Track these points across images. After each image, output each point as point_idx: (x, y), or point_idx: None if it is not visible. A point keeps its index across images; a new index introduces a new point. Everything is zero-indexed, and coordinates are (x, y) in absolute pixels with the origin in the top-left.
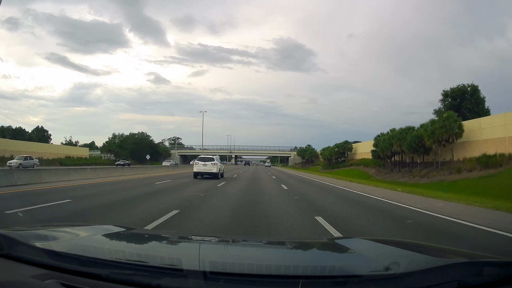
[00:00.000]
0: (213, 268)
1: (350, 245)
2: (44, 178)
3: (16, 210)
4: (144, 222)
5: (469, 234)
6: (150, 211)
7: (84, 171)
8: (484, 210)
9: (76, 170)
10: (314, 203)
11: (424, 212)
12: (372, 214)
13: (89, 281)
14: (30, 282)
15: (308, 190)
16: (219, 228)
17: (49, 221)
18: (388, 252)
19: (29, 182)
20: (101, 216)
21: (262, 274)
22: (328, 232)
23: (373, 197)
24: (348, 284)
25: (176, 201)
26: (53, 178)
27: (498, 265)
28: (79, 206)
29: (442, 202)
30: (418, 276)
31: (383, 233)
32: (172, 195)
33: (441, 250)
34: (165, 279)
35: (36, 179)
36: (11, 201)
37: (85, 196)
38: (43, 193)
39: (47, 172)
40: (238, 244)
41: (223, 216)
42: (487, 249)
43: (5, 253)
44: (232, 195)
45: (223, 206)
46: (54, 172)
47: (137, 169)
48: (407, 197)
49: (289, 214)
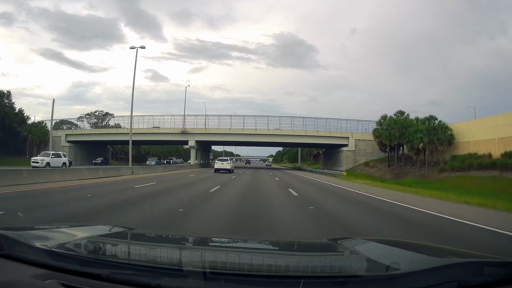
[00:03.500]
0: (213, 268)
1: (350, 245)
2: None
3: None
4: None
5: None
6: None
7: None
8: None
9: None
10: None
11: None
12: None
13: (89, 281)
14: (30, 282)
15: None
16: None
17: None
18: (388, 252)
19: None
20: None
21: (263, 274)
22: None
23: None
24: (348, 284)
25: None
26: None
27: (498, 265)
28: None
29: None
30: (418, 276)
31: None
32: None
33: (441, 250)
34: (165, 279)
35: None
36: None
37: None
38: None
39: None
40: (238, 244)
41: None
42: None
43: (5, 253)
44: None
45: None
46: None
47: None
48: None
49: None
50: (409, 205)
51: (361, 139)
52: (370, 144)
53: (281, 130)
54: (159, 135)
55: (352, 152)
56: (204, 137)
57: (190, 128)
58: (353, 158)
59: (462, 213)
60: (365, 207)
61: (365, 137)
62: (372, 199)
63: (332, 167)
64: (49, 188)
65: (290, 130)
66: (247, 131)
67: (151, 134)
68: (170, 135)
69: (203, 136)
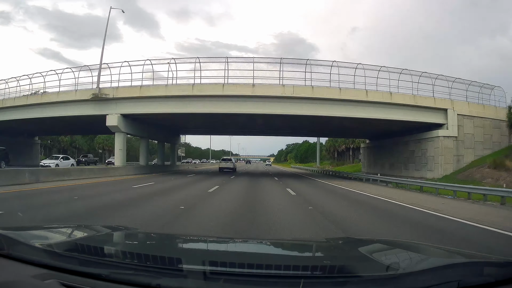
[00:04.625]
0: (213, 268)
1: (350, 245)
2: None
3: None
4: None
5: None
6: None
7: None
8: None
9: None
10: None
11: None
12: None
13: (89, 281)
14: (30, 282)
15: None
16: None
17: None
18: (388, 252)
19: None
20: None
21: (262, 274)
22: None
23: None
24: (348, 284)
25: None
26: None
27: (498, 265)
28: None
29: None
30: (418, 276)
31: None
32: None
33: (441, 250)
34: (165, 279)
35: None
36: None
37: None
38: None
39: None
40: (238, 244)
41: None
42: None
43: (5, 253)
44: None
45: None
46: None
47: None
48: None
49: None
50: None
51: (468, 114)
52: (486, 125)
53: (312, 89)
54: (47, 108)
55: (453, 141)
56: (142, 105)
57: (110, 89)
58: (454, 153)
59: None
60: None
61: (476, 110)
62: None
63: (395, 170)
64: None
65: (332, 89)
66: (240, 91)
67: (29, 108)
68: (72, 107)
69: (139, 104)
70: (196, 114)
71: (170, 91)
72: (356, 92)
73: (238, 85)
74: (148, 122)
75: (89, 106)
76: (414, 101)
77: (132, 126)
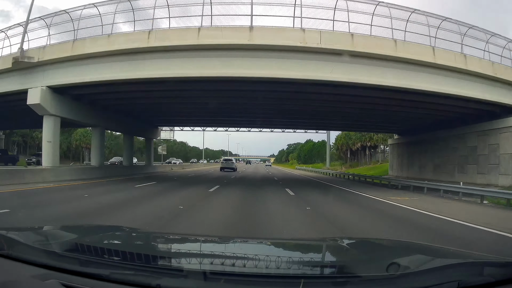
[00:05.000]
0: (213, 268)
1: (350, 245)
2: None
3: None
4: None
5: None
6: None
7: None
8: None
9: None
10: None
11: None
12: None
13: (89, 281)
14: (30, 282)
15: None
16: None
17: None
18: (388, 252)
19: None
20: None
21: (263, 274)
22: None
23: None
24: (348, 284)
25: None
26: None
27: (498, 265)
28: None
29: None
30: (418, 276)
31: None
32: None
33: (441, 250)
34: (165, 279)
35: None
36: None
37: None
38: None
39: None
40: (238, 244)
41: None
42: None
43: (5, 253)
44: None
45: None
46: None
47: None
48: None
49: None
50: None
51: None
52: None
53: (352, 38)
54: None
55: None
56: (76, 70)
57: (36, 50)
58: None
59: None
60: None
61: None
62: None
63: (443, 173)
64: None
65: (384, 41)
66: (229, 39)
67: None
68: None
69: (72, 68)
70: (155, 82)
71: (113, 43)
72: (420, 49)
73: (224, 28)
74: (103, 104)
75: (12, 80)
76: (493, 71)
77: (74, 108)
